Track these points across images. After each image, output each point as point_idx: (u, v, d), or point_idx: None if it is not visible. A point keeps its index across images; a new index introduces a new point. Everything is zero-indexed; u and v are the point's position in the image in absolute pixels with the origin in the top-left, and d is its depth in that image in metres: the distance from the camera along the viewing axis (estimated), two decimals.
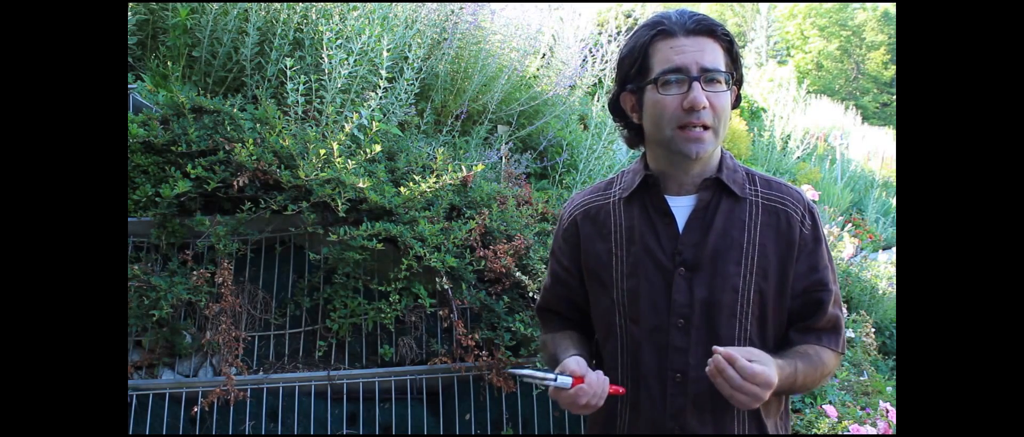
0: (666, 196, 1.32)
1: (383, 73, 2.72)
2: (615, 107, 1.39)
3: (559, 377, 1.19)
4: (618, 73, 1.36)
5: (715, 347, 1.15)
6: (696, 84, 1.22)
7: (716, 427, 1.27)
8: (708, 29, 1.26)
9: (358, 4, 3.23)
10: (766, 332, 1.29)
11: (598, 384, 1.21)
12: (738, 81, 1.32)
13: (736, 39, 1.30)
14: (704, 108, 1.22)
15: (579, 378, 1.20)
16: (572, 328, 1.48)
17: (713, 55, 1.25)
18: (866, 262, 5.16)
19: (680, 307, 1.27)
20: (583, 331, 1.47)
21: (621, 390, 1.25)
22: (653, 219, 1.32)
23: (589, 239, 1.40)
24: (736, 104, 1.34)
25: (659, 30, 1.26)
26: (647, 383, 1.29)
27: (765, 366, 1.13)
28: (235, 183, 2.43)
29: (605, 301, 1.36)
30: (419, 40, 3.26)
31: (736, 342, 1.26)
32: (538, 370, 1.22)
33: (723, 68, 1.25)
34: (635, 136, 1.38)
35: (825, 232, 1.34)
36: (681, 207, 1.32)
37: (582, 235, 1.41)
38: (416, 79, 3.19)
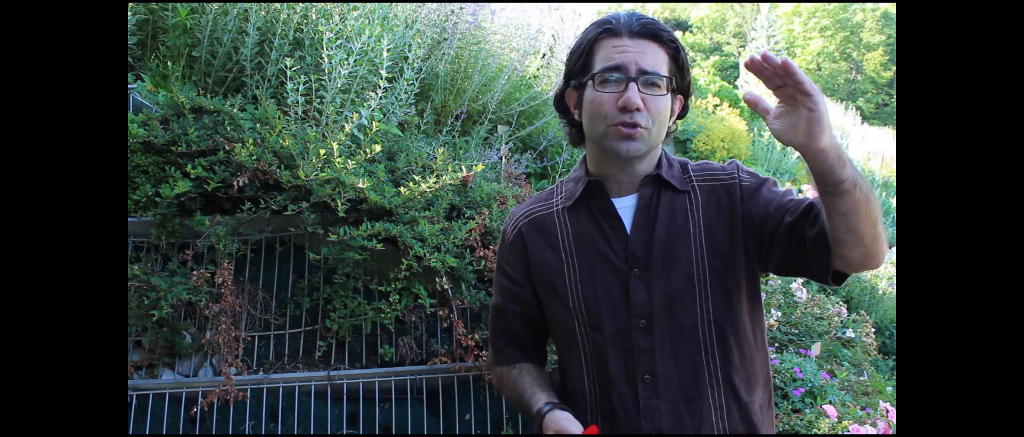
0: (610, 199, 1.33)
1: (383, 73, 2.72)
2: (560, 103, 1.39)
3: None
4: (565, 69, 1.36)
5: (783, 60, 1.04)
6: (633, 84, 1.22)
7: (693, 422, 1.26)
8: (653, 33, 1.26)
9: (358, 4, 3.22)
10: (737, 303, 1.28)
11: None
12: (682, 90, 1.32)
13: (684, 48, 1.30)
14: (638, 109, 1.22)
15: (593, 427, 1.24)
16: (526, 360, 1.45)
17: (655, 59, 1.25)
18: None
19: (640, 307, 1.27)
20: (538, 361, 1.46)
21: (594, 429, 1.27)
22: (601, 223, 1.32)
23: (538, 249, 1.39)
24: (682, 115, 1.34)
25: (605, 29, 1.27)
26: (617, 389, 1.28)
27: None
28: (235, 183, 2.43)
29: (561, 310, 1.35)
30: (419, 40, 3.26)
31: (698, 327, 1.26)
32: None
33: (664, 73, 1.25)
34: (578, 134, 1.38)
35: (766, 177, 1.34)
36: (625, 208, 1.32)
37: (530, 245, 1.40)
38: (416, 79, 3.19)
